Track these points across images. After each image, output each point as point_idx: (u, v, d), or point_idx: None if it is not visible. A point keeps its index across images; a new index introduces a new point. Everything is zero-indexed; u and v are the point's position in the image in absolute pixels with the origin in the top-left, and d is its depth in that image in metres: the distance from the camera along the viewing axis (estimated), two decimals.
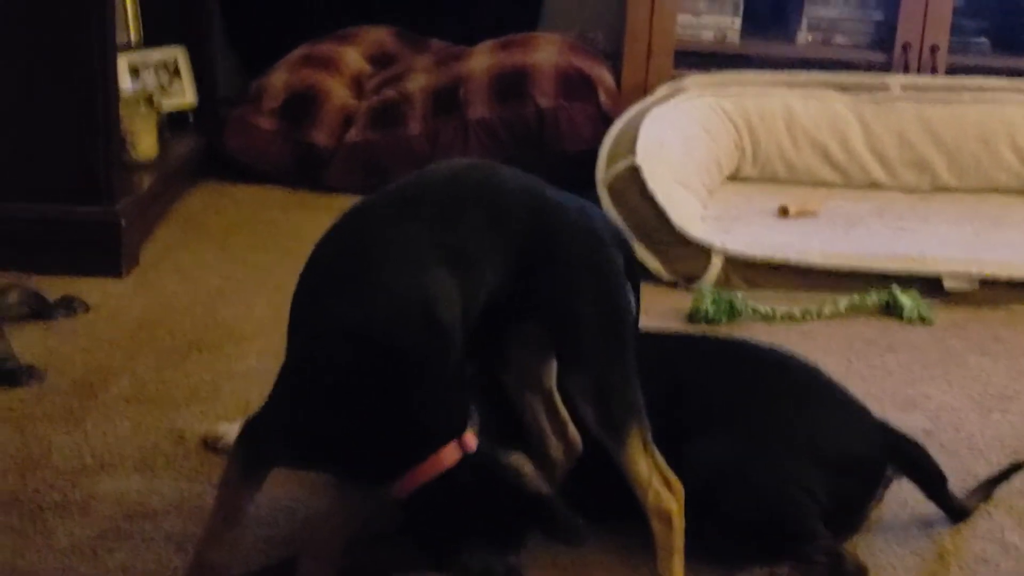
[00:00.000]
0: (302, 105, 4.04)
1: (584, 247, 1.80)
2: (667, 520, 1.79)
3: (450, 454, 1.64)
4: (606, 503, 1.98)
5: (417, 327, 1.63)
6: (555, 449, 1.98)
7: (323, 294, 1.71)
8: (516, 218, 1.77)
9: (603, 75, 4.07)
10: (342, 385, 1.62)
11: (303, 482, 2.15)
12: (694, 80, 4.01)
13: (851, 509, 2.01)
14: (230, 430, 2.27)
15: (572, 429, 1.97)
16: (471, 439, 1.66)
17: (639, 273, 1.93)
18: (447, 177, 1.84)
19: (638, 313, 1.88)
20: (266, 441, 1.69)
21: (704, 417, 1.98)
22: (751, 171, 3.99)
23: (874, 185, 3.96)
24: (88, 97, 3.04)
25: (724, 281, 3.22)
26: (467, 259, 1.71)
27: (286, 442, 1.68)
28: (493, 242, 1.75)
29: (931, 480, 2.06)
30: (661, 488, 1.79)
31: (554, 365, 1.90)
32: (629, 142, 3.50)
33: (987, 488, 2.17)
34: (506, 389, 1.93)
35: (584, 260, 1.79)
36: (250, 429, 1.73)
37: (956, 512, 2.09)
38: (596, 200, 3.45)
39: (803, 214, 3.62)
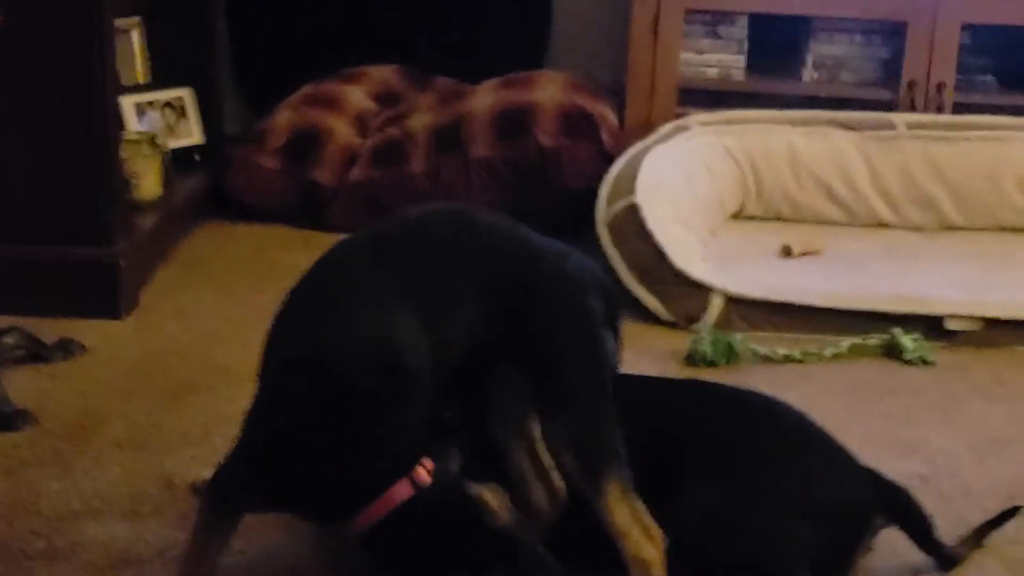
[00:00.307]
0: (305, 144, 4.05)
1: (562, 293, 1.79)
2: (646, 569, 1.77)
3: (402, 490, 1.63)
4: (594, 552, 1.97)
5: (374, 367, 1.63)
6: (539, 497, 1.97)
7: (286, 334, 1.71)
8: (492, 263, 1.77)
9: (606, 113, 4.07)
10: (298, 423, 1.63)
11: (287, 529, 2.14)
12: (697, 118, 4.00)
13: (838, 558, 1.98)
14: None
15: (556, 476, 1.96)
16: (423, 474, 1.65)
17: (621, 320, 1.92)
18: (421, 221, 1.83)
19: (618, 361, 1.87)
20: (233, 486, 1.69)
21: (690, 465, 1.96)
22: (755, 210, 3.98)
23: (880, 224, 3.93)
24: (89, 138, 3.06)
25: (725, 322, 3.20)
26: (438, 303, 1.71)
27: (251, 484, 1.67)
28: (468, 286, 1.74)
29: (920, 528, 2.04)
30: (641, 537, 1.77)
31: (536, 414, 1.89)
32: (629, 181, 3.50)
33: (979, 535, 2.14)
34: (491, 436, 1.92)
35: (562, 306, 1.78)
36: (217, 476, 1.72)
37: (946, 560, 2.06)
38: (596, 239, 3.46)
39: (807, 254, 3.60)
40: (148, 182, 3.54)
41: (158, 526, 2.16)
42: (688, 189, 3.70)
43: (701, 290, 3.23)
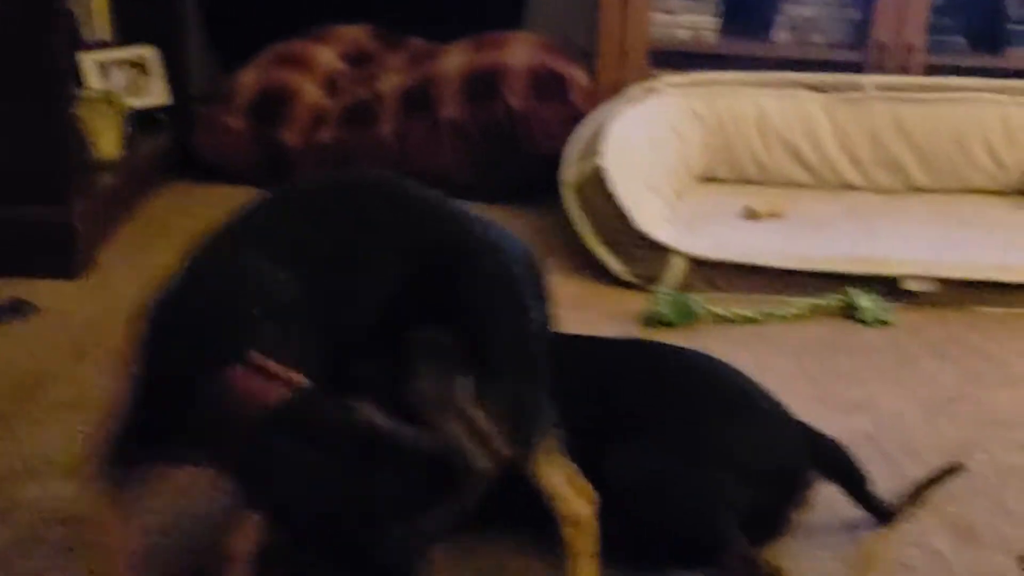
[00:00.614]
0: (273, 104, 4.03)
1: (491, 261, 1.78)
2: (578, 525, 1.77)
3: (269, 389, 1.55)
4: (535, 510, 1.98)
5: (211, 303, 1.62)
6: (478, 458, 1.96)
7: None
8: (418, 227, 1.76)
9: (576, 75, 4.04)
10: (150, 362, 1.61)
11: (222, 489, 2.14)
12: (666, 80, 3.98)
13: (771, 515, 1.99)
14: None
15: (496, 437, 1.95)
16: (297, 377, 1.57)
17: (548, 290, 1.91)
18: (348, 182, 1.82)
19: (549, 328, 1.87)
20: (116, 446, 1.66)
21: (624, 422, 1.96)
22: (722, 172, 3.96)
23: (846, 186, 3.92)
24: (44, 95, 3.04)
25: (686, 283, 3.19)
26: (337, 257, 1.70)
27: (132, 439, 1.64)
28: (384, 246, 1.73)
29: (852, 481, 2.03)
30: (572, 496, 1.77)
31: (465, 380, 1.88)
32: (595, 142, 3.48)
33: (918, 491, 2.14)
34: (415, 399, 1.91)
35: (491, 274, 1.77)
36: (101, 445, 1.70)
37: (883, 514, 2.06)
38: (562, 201, 3.45)
39: (771, 216, 3.59)
40: (107, 141, 3.52)
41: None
42: (655, 152, 3.69)
43: (663, 252, 3.22)
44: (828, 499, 2.07)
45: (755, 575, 1.87)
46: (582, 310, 3.05)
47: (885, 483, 2.20)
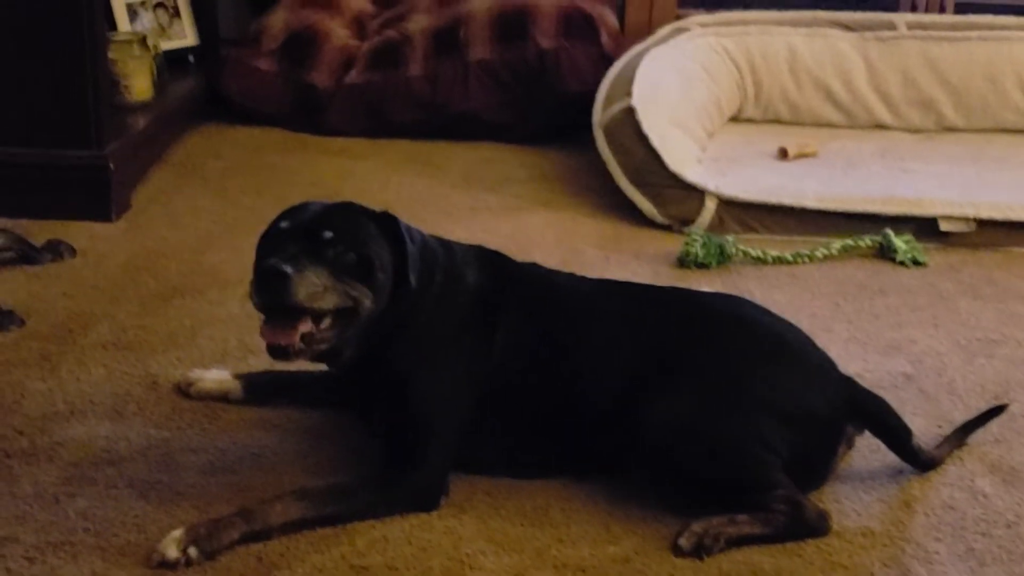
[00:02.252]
0: (301, 46, 4.01)
1: None
2: None
3: None
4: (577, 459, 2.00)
5: None
6: None
7: None
8: None
9: (606, 15, 4.02)
10: None
11: (269, 427, 2.15)
12: (696, 20, 3.95)
13: (813, 463, 1.98)
14: (203, 376, 2.28)
15: None
16: None
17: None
18: None
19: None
20: None
21: (667, 370, 1.95)
22: (753, 112, 3.94)
23: (878, 126, 3.90)
24: (76, 38, 3.02)
25: (718, 224, 3.18)
26: None
27: None
28: None
29: (896, 436, 2.03)
30: None
31: None
32: (626, 84, 3.46)
33: (960, 435, 2.14)
34: None
35: None
36: None
37: (924, 464, 2.06)
38: (592, 142, 3.44)
39: (803, 155, 3.58)
40: (139, 83, 3.51)
41: (141, 425, 2.16)
42: (685, 92, 3.66)
43: (695, 193, 3.21)
44: (872, 445, 2.08)
45: (799, 516, 1.88)
46: (615, 251, 3.05)
47: (924, 423, 2.21)
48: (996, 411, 2.18)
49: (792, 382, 1.96)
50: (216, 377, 2.26)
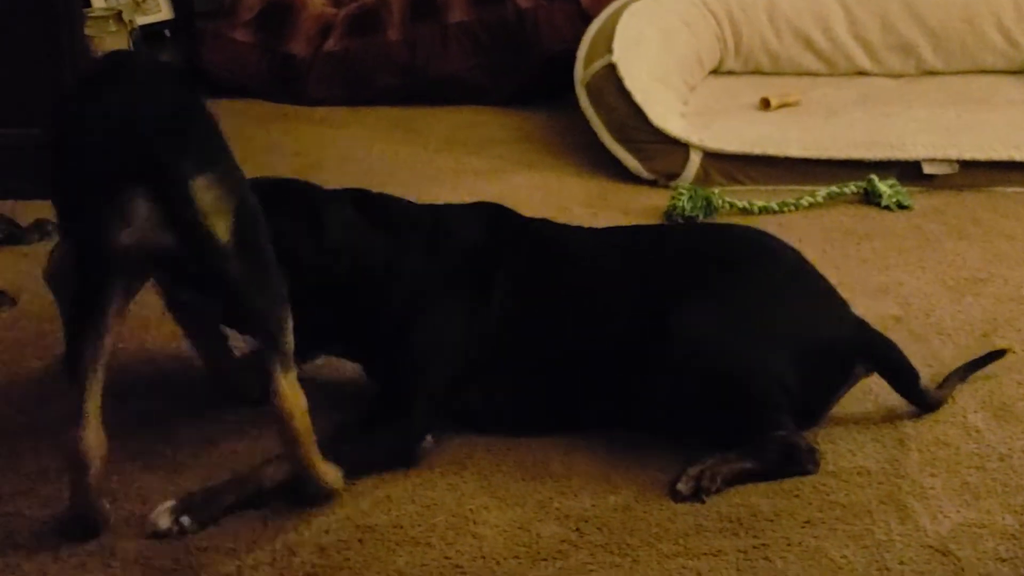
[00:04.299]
0: (278, 15, 4.01)
1: None
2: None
3: None
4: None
5: None
6: None
7: None
8: None
9: None
10: None
11: None
12: None
13: (818, 401, 2.01)
14: None
15: None
16: None
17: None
18: None
19: None
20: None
21: (690, 298, 1.97)
22: (734, 64, 3.94)
23: (859, 72, 3.90)
24: (52, 15, 3.01)
25: (703, 177, 3.20)
26: None
27: None
28: None
29: (904, 378, 2.04)
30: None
31: None
32: (606, 40, 3.46)
33: (961, 375, 2.15)
34: None
35: None
36: None
37: (929, 405, 2.08)
38: (575, 101, 3.44)
39: (785, 105, 3.58)
40: None
41: (140, 398, 2.18)
42: (666, 46, 3.66)
43: (679, 147, 3.22)
44: (864, 386, 2.10)
45: (791, 454, 1.90)
46: (602, 209, 3.06)
47: (917, 363, 2.22)
48: (996, 355, 2.20)
49: (812, 317, 1.99)
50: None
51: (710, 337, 1.93)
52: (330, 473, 1.86)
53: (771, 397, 1.92)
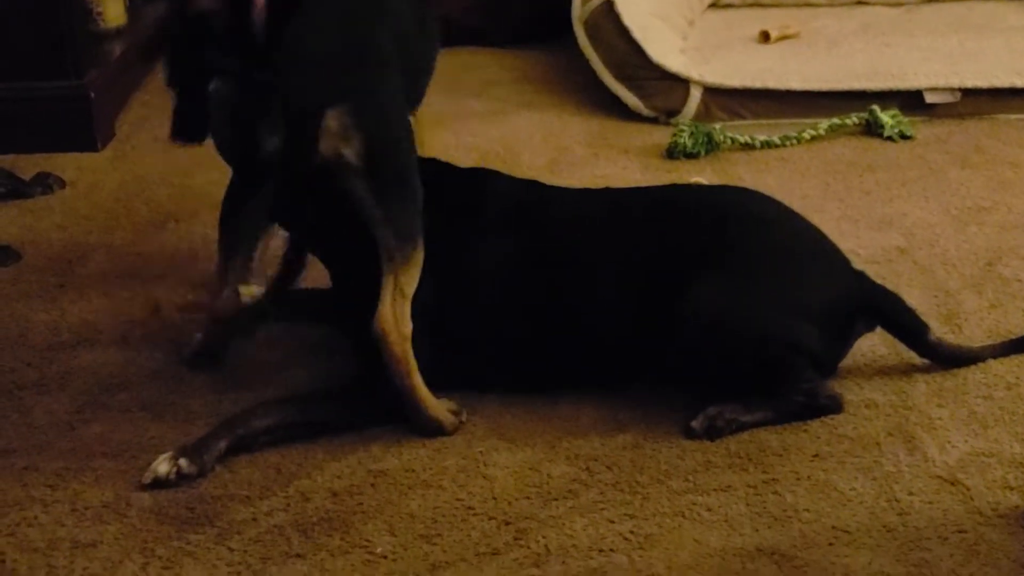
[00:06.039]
0: None
1: None
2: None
3: None
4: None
5: None
6: None
7: None
8: None
9: None
10: None
11: (277, 345, 2.17)
12: None
13: (827, 359, 1.99)
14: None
15: None
16: None
17: None
18: None
19: None
20: None
21: (692, 268, 1.95)
22: None
23: (859, 2, 3.88)
24: None
25: (704, 113, 3.18)
26: None
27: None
28: None
29: (910, 331, 2.01)
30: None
31: None
32: None
33: (1010, 348, 2.07)
34: None
35: None
36: None
37: (946, 359, 2.03)
38: (573, 39, 3.42)
39: (784, 38, 3.55)
40: (112, 9, 3.47)
41: (149, 350, 2.18)
42: None
43: (679, 83, 3.20)
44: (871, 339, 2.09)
45: (813, 403, 1.91)
46: (603, 147, 3.05)
47: (922, 294, 2.24)
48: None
49: (819, 278, 1.97)
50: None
51: (727, 312, 1.91)
52: (435, 406, 1.90)
53: (793, 358, 1.91)
